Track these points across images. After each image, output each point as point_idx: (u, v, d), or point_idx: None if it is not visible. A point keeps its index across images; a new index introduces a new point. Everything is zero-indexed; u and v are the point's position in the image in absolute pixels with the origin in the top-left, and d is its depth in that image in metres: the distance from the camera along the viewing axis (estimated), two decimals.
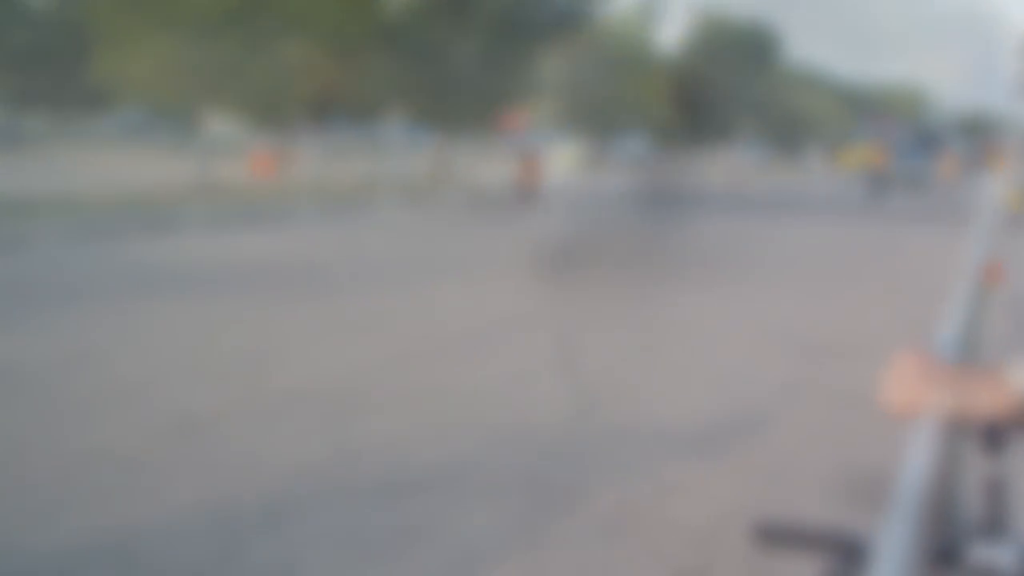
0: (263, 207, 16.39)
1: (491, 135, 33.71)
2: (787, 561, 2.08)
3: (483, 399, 5.80)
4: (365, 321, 8.03)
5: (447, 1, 28.66)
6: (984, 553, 1.35)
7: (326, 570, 3.53)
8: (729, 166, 50.50)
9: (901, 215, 23.84)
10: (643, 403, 5.95)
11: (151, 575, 3.34)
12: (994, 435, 1.46)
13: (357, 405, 5.55)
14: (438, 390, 5.94)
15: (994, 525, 1.53)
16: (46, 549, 3.45)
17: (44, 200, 11.70)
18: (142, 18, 20.20)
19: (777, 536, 1.51)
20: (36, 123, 39.41)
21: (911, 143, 46.37)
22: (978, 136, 78.07)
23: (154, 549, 3.50)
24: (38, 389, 5.61)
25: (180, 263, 10.70)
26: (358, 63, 24.51)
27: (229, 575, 3.38)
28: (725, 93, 53.33)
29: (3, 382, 5.76)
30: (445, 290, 9.82)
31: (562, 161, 30.31)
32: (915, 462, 1.14)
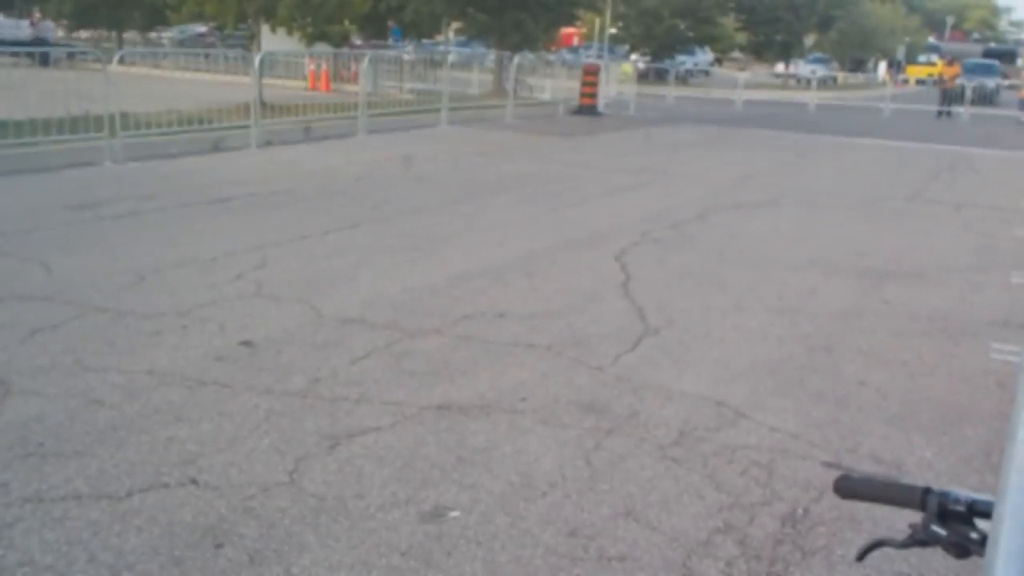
0: (322, 123, 16.36)
1: (551, 51, 33.17)
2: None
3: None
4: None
5: None
6: None
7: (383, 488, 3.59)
8: (794, 80, 49.11)
9: (970, 134, 23.06)
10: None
11: None
12: None
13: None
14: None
15: None
16: None
17: (109, 117, 11.78)
18: None
19: (857, 492, 1.49)
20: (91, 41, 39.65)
21: (983, 58, 44.66)
22: None
23: None
24: None
25: (232, 180, 10.75)
26: None
27: None
28: (790, 6, 51.61)
29: None
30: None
31: (622, 76, 29.70)
32: None
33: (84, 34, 42.37)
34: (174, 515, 3.43)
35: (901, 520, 1.45)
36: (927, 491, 1.39)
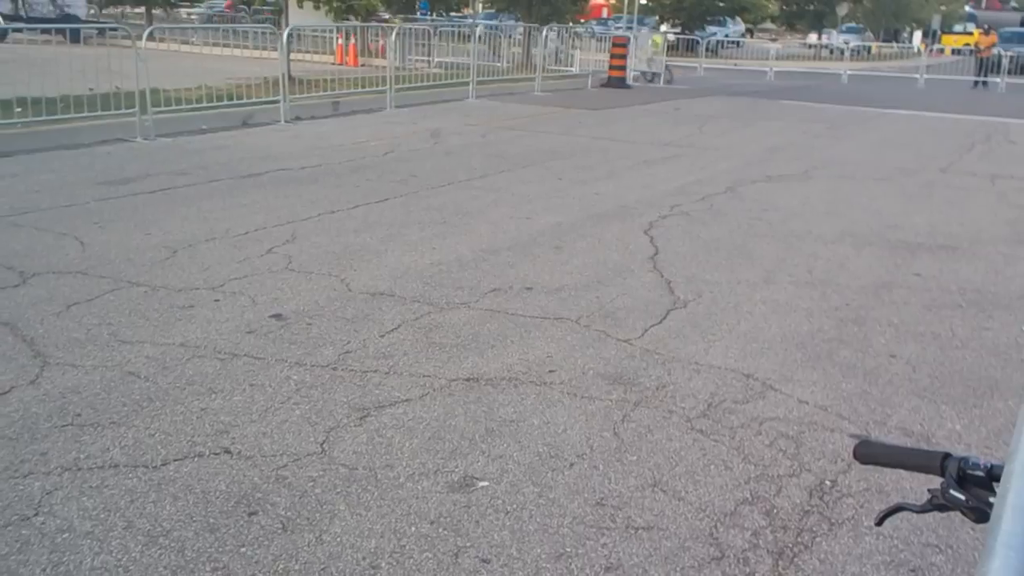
0: (350, 98, 16.39)
1: (580, 23, 32.94)
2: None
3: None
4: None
5: None
6: None
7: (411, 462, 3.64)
8: (827, 51, 48.48)
9: (1007, 104, 22.71)
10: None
11: None
12: None
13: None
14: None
15: None
16: None
17: (140, 93, 11.88)
18: None
19: (877, 457, 1.50)
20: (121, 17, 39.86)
21: (1021, 27, 43.84)
22: None
23: None
24: None
25: (262, 156, 10.81)
26: None
27: None
28: None
29: None
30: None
31: (651, 48, 29.45)
32: None
33: (113, 11, 42.60)
34: (208, 484, 3.50)
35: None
36: (946, 456, 1.40)
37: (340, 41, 26.33)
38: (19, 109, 11.65)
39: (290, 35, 16.45)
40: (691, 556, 3.16)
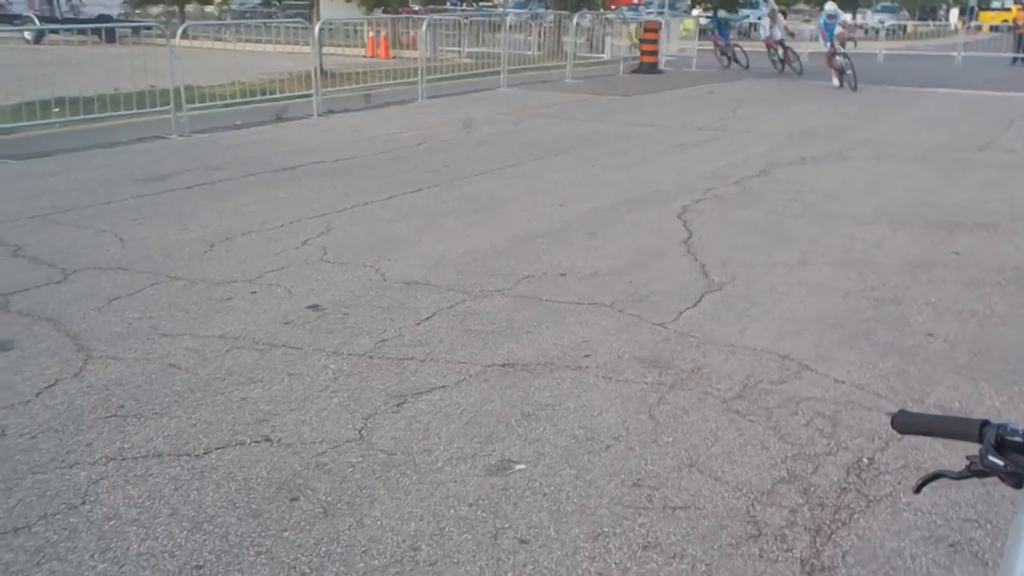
0: (383, 90, 16.46)
1: (610, 9, 32.78)
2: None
3: None
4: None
5: None
6: None
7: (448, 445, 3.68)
8: (862, 31, 47.86)
9: None
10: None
11: None
12: None
13: None
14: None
15: None
16: None
17: (175, 91, 12.02)
18: None
19: (915, 426, 1.50)
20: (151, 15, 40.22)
21: None
22: None
23: None
24: None
25: (296, 149, 10.90)
26: None
27: None
28: None
29: None
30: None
31: (683, 32, 29.25)
32: None
33: (146, 11, 42.99)
34: (250, 471, 3.56)
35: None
36: (985, 423, 1.40)
37: (371, 34, 26.44)
38: (57, 109, 11.84)
39: (321, 29, 16.54)
40: (728, 534, 3.17)
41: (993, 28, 50.61)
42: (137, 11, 39.67)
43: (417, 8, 33.20)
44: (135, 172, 9.41)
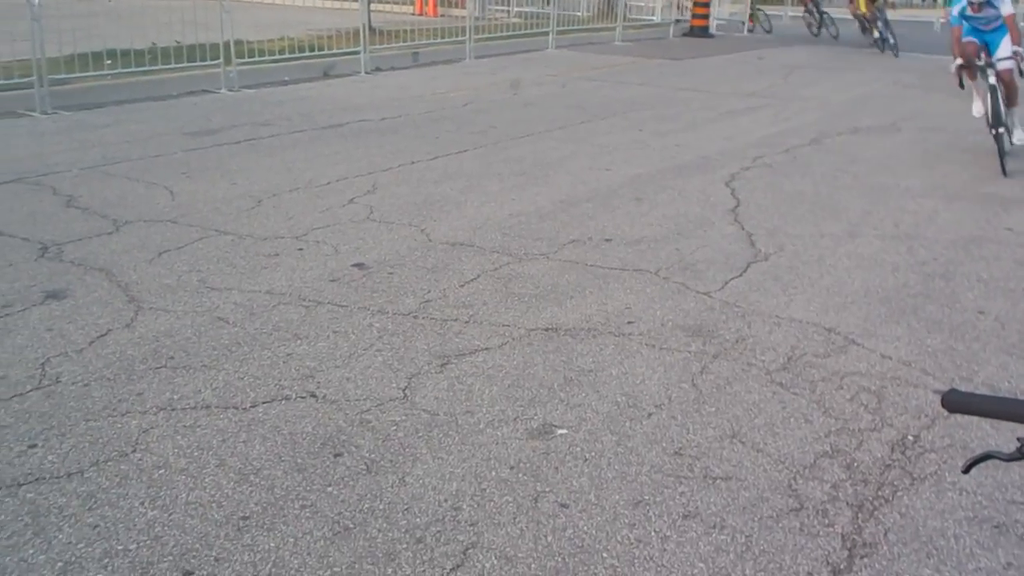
0: (430, 48, 16.39)
1: None
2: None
3: None
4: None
5: None
6: None
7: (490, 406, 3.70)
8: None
9: None
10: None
11: None
12: None
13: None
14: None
15: None
16: None
17: (224, 45, 12.06)
18: None
19: (966, 406, 1.49)
20: None
21: None
22: None
23: None
24: None
25: (343, 107, 10.92)
26: None
27: None
28: None
29: None
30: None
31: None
32: None
33: None
34: (295, 426, 3.61)
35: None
36: None
37: None
38: (109, 61, 11.93)
39: None
40: (769, 507, 3.17)
41: None
42: None
43: None
44: (184, 126, 9.49)
